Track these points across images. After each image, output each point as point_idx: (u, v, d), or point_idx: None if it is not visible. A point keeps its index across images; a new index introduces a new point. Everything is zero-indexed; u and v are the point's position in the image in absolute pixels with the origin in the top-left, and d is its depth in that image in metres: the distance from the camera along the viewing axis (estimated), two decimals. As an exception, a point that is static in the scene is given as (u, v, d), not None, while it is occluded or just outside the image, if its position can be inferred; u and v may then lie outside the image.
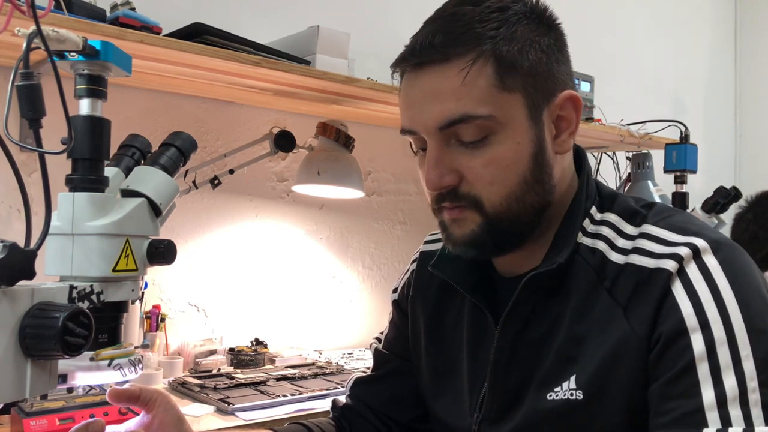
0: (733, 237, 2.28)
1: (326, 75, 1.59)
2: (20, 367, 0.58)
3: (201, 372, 1.71)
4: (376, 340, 1.07)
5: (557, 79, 0.77)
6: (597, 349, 0.73)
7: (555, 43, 0.78)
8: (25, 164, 1.56)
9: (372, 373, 1.03)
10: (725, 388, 0.65)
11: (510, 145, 0.74)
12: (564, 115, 0.78)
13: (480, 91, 0.72)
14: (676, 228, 0.75)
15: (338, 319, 2.17)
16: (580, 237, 0.79)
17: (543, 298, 0.79)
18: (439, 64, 0.73)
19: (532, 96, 0.75)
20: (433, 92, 0.74)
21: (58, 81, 0.64)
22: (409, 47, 0.76)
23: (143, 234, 0.75)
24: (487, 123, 0.73)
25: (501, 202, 0.75)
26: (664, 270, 0.71)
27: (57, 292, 0.64)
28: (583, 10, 2.95)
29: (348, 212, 2.18)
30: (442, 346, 0.91)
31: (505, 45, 0.73)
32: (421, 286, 0.96)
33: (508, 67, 0.73)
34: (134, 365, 0.74)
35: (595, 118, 2.36)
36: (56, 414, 1.23)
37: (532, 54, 0.74)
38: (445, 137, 0.75)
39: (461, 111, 0.72)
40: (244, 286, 1.96)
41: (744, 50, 3.82)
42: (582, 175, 0.84)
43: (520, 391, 0.80)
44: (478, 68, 0.72)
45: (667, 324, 0.69)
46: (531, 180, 0.76)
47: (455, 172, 0.75)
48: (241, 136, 1.91)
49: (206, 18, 1.53)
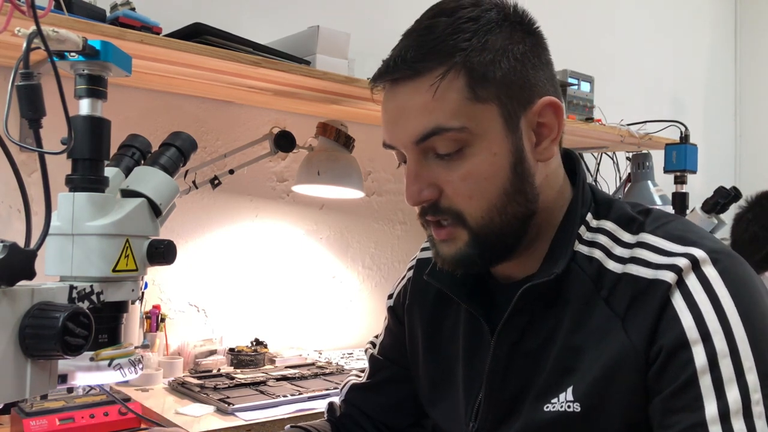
0: (733, 237, 2.28)
1: (326, 75, 1.59)
2: (20, 367, 0.58)
3: (201, 372, 1.71)
4: (371, 344, 1.06)
5: (534, 86, 0.76)
6: (594, 360, 0.72)
7: (531, 50, 0.76)
8: (25, 164, 1.56)
9: (368, 380, 1.02)
10: (728, 401, 0.64)
11: (486, 157, 0.73)
12: (544, 121, 0.77)
13: (452, 104, 0.72)
14: (674, 237, 0.74)
15: (338, 319, 2.17)
16: (576, 245, 0.78)
17: (540, 307, 0.78)
18: (412, 79, 0.73)
19: (507, 105, 0.74)
20: (407, 108, 0.74)
21: (58, 81, 0.64)
22: (384, 63, 0.76)
23: (143, 234, 0.75)
24: (461, 135, 0.72)
25: (482, 215, 0.74)
26: (663, 282, 0.70)
27: (57, 292, 0.64)
28: (583, 10, 2.95)
29: (348, 212, 2.18)
30: (439, 354, 0.91)
31: (476, 56, 0.72)
32: (418, 293, 0.95)
33: (479, 78, 0.72)
34: (134, 365, 0.74)
35: (595, 118, 2.37)
36: (56, 414, 1.23)
37: (505, 63, 0.73)
38: (422, 151, 0.75)
39: (433, 124, 0.72)
40: (244, 286, 1.96)
41: (744, 50, 3.82)
42: (577, 182, 0.82)
43: (515, 402, 0.79)
44: (449, 81, 0.72)
45: (668, 337, 0.68)
46: (511, 191, 0.75)
47: (434, 186, 0.75)
48: (241, 136, 1.91)
49: (206, 18, 1.53)
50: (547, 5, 2.78)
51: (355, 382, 1.03)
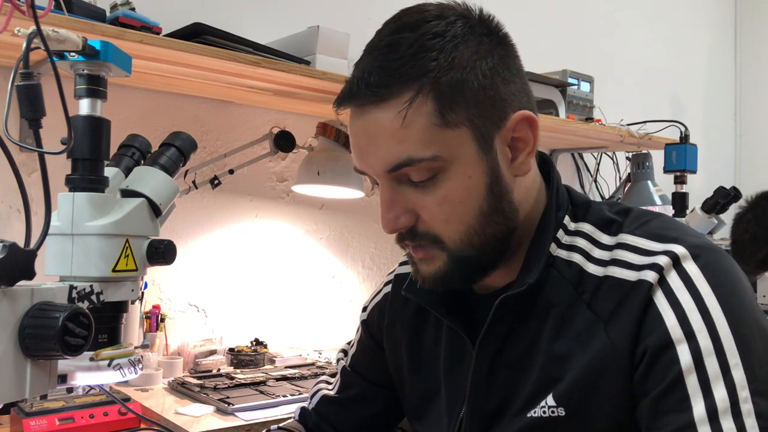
0: (732, 237, 2.28)
1: (326, 75, 1.59)
2: (20, 367, 0.58)
3: (201, 372, 1.71)
4: (343, 353, 1.05)
5: (505, 101, 0.73)
6: (578, 364, 0.71)
7: (501, 62, 0.73)
8: (25, 164, 1.56)
9: (338, 395, 1.01)
10: (716, 399, 0.63)
11: (461, 181, 0.71)
12: (519, 136, 0.74)
13: (421, 132, 0.69)
14: (654, 235, 0.73)
15: (338, 319, 2.17)
16: (555, 249, 0.76)
17: (520, 316, 0.76)
18: (377, 105, 0.70)
19: (480, 127, 0.71)
20: (375, 135, 0.71)
21: (57, 81, 0.64)
22: (347, 85, 0.73)
23: (143, 234, 0.75)
24: (434, 164, 0.70)
25: (461, 238, 0.73)
26: (645, 281, 0.69)
27: (57, 292, 0.64)
28: (582, 10, 2.95)
29: (348, 212, 2.18)
30: (422, 369, 0.90)
31: (444, 75, 0.69)
32: (397, 309, 0.94)
33: (448, 102, 0.69)
34: (134, 365, 0.74)
35: (595, 118, 2.37)
36: (56, 414, 1.23)
37: (474, 82, 0.70)
38: (395, 178, 0.73)
39: (405, 155, 0.70)
40: (244, 286, 1.96)
41: (744, 50, 3.82)
42: (551, 186, 0.80)
43: (499, 414, 0.78)
44: (417, 107, 0.69)
45: (652, 337, 0.67)
46: (489, 211, 0.73)
47: (410, 212, 0.73)
48: (241, 136, 1.91)
49: (206, 18, 1.53)
50: (548, 5, 2.78)
51: (326, 393, 1.02)
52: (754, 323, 0.67)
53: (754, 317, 0.68)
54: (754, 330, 0.67)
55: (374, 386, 0.98)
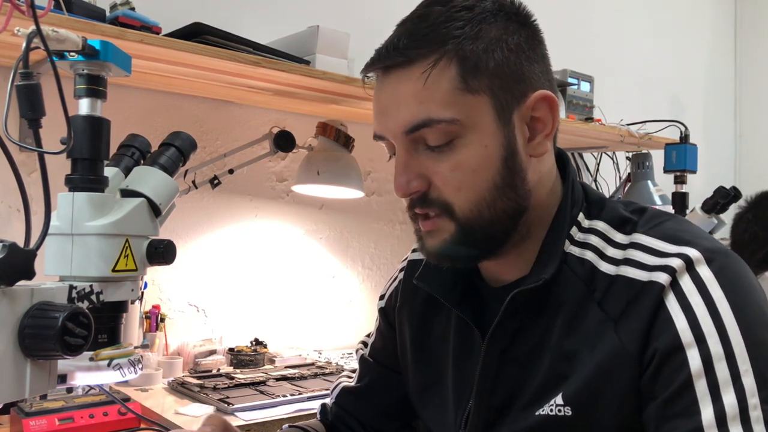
0: (732, 237, 2.28)
1: (326, 75, 1.59)
2: (20, 367, 0.58)
3: (201, 372, 1.71)
4: (363, 344, 1.05)
5: (528, 79, 0.74)
6: (587, 364, 0.71)
7: (526, 42, 0.74)
8: (25, 164, 1.56)
9: (358, 384, 1.01)
10: (725, 405, 0.62)
11: (477, 149, 0.72)
12: (538, 116, 0.75)
13: (443, 94, 0.70)
14: (668, 237, 0.72)
15: (338, 319, 2.17)
16: (568, 246, 0.76)
17: (531, 312, 0.76)
18: (403, 67, 0.72)
19: (500, 97, 0.72)
20: (397, 96, 0.72)
21: (57, 81, 0.64)
22: (376, 51, 0.74)
23: (143, 234, 0.75)
24: (452, 127, 0.71)
25: (471, 208, 0.72)
26: (657, 283, 0.68)
27: (56, 292, 0.63)
28: (583, 11, 2.95)
29: (348, 212, 2.18)
30: (429, 358, 0.90)
31: (469, 44, 0.71)
32: (408, 296, 0.94)
33: (471, 67, 0.71)
34: (134, 365, 0.74)
35: (594, 118, 2.37)
36: (56, 414, 1.23)
37: (498, 53, 0.71)
38: (412, 142, 0.73)
39: (424, 115, 0.71)
40: (244, 286, 1.96)
41: (744, 50, 3.82)
42: (566, 181, 0.80)
43: (506, 409, 0.77)
44: (440, 70, 0.70)
45: (662, 340, 0.67)
46: (501, 184, 0.73)
47: (423, 177, 0.73)
48: (241, 136, 1.91)
49: (206, 18, 1.53)
50: (548, 5, 2.78)
51: (346, 384, 1.02)
52: (766, 330, 0.67)
53: (766, 324, 0.67)
54: (766, 337, 0.66)
55: (394, 373, 0.97)
